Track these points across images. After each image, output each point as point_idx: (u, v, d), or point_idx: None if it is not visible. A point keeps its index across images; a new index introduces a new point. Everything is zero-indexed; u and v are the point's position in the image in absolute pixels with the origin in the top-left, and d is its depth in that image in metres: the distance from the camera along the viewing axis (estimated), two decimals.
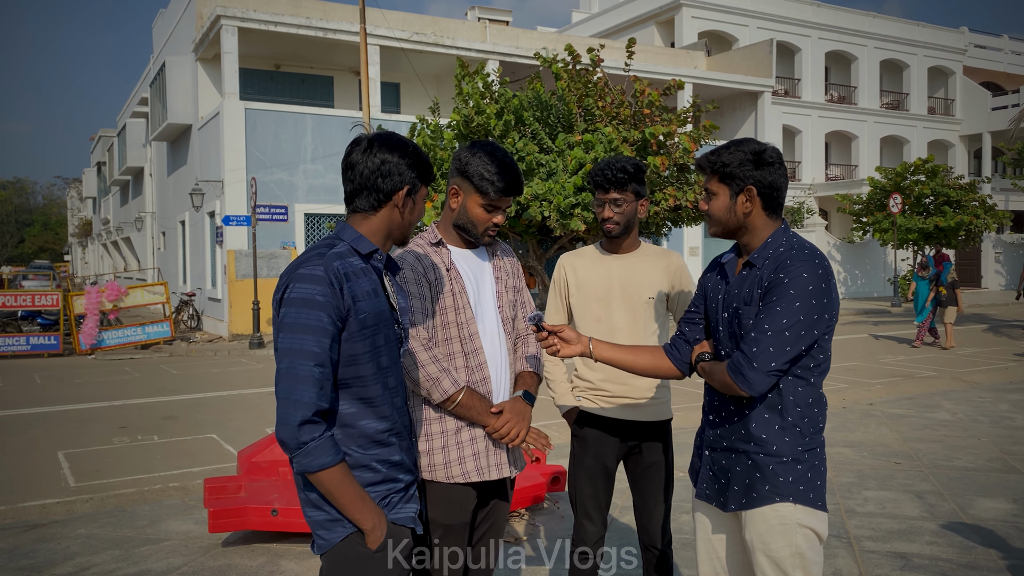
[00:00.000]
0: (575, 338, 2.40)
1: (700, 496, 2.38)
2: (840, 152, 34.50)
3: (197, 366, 13.52)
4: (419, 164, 2.11)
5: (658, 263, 3.01)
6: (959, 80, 36.73)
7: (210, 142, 18.94)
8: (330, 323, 1.88)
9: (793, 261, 2.11)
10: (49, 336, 15.46)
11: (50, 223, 77.81)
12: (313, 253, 1.98)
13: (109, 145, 35.14)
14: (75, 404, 9.81)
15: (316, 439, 1.86)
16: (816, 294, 2.08)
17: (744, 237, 2.28)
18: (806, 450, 2.19)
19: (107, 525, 5.03)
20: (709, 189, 2.29)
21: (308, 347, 1.86)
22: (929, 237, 24.25)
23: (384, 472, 2.02)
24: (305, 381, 1.86)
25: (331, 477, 1.88)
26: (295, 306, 1.89)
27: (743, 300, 2.20)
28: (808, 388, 2.19)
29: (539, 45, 22.32)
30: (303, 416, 1.84)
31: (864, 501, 5.17)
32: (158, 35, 26.16)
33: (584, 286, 3.02)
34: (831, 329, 2.19)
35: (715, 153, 2.26)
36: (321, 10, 20.48)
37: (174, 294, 21.23)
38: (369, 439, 1.99)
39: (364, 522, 1.93)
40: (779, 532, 2.15)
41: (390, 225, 2.10)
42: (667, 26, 31.78)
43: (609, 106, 16.98)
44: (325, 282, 1.89)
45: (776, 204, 2.25)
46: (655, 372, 2.47)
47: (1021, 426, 7.40)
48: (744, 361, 2.11)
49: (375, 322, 1.98)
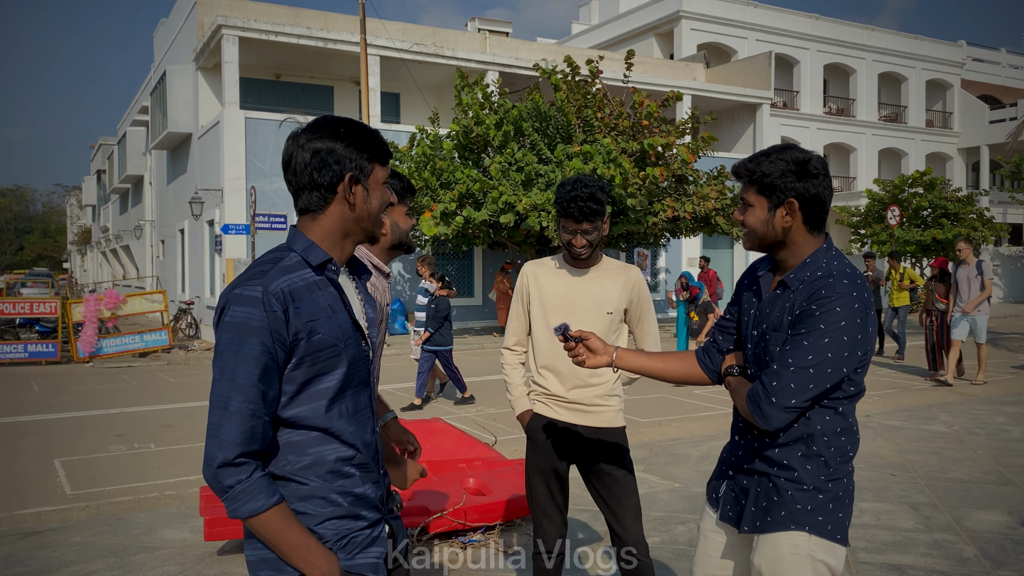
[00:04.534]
0: (602, 348, 2.28)
1: (723, 518, 2.25)
2: (839, 164, 34.61)
3: (195, 374, 13.52)
4: (361, 143, 1.79)
5: (618, 278, 3.07)
6: (957, 93, 36.91)
7: (210, 151, 19.00)
8: (264, 352, 1.64)
9: (828, 291, 1.94)
10: (47, 344, 15.46)
11: (49, 231, 77.88)
12: (255, 270, 1.72)
13: (109, 153, 35.24)
14: (72, 412, 9.81)
15: (242, 482, 1.62)
16: (849, 330, 1.93)
17: (782, 253, 2.10)
18: (830, 479, 2.06)
19: (103, 533, 5.03)
20: (745, 199, 2.11)
21: (239, 379, 1.64)
22: (927, 249, 24.32)
23: (345, 506, 1.76)
24: (232, 418, 1.63)
25: (265, 522, 1.64)
26: (228, 331, 1.66)
27: (772, 325, 2.06)
28: (837, 417, 2.05)
29: (539, 56, 22.44)
30: (224, 457, 1.61)
31: (860, 513, 5.17)
32: (159, 44, 26.28)
33: (545, 298, 3.07)
34: (865, 365, 2.04)
35: (754, 161, 2.08)
36: (322, 20, 20.59)
37: (172, 302, 21.24)
38: (327, 468, 1.74)
39: (310, 570, 1.67)
40: (789, 562, 2.03)
41: (343, 223, 1.80)
42: (666, 38, 31.94)
43: (608, 117, 17.09)
44: (262, 305, 1.65)
45: (819, 219, 2.07)
46: (686, 379, 2.36)
47: (1017, 438, 7.40)
48: (763, 394, 1.98)
49: (335, 341, 1.73)
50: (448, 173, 16.32)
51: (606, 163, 15.35)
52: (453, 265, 20.76)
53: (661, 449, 7.08)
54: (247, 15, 19.57)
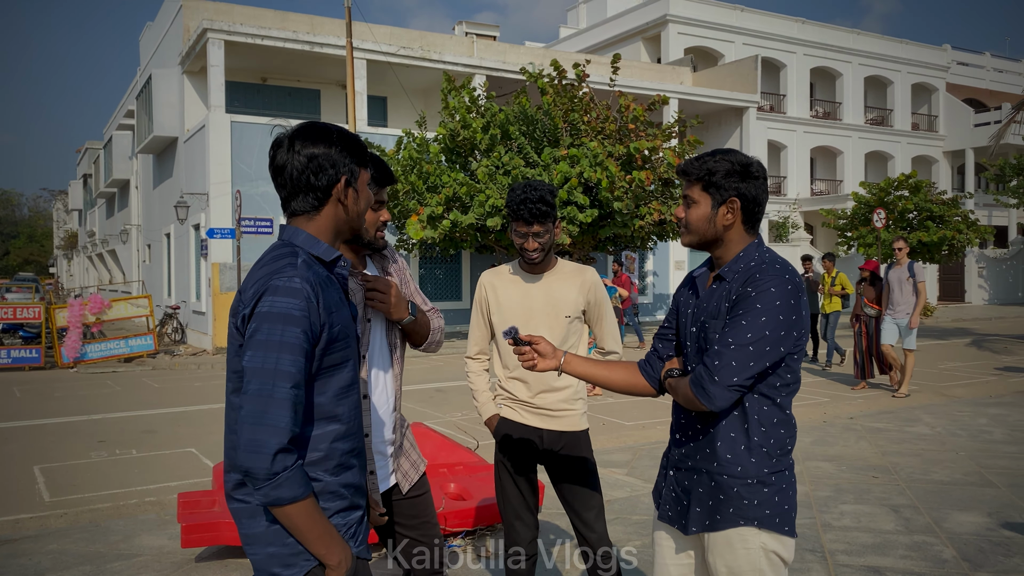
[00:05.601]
0: (551, 352, 2.33)
1: (662, 518, 2.30)
2: (825, 167, 34.78)
3: (180, 379, 13.44)
4: (350, 149, 1.92)
5: (574, 281, 3.12)
6: (942, 97, 37.17)
7: (196, 155, 18.91)
8: (306, 340, 1.73)
9: (763, 275, 2.06)
10: (31, 349, 15.33)
11: (35, 235, 77.30)
12: (283, 262, 1.80)
13: (95, 157, 35.02)
14: (54, 418, 9.73)
15: (289, 468, 1.69)
16: (784, 310, 2.03)
17: (718, 250, 2.21)
18: (773, 472, 2.11)
19: (80, 540, 4.98)
20: (690, 196, 2.20)
21: (284, 367, 1.70)
22: (913, 252, 24.44)
23: (350, 498, 1.88)
24: (282, 404, 1.69)
25: (301, 510, 1.72)
26: (270, 321, 1.72)
27: (711, 314, 2.14)
28: (774, 408, 2.13)
29: (526, 60, 22.46)
30: (279, 443, 1.67)
31: (840, 515, 5.18)
32: (145, 48, 26.15)
33: (504, 306, 3.12)
34: (800, 348, 2.12)
35: (700, 160, 2.18)
36: (308, 24, 20.54)
37: (158, 307, 21.12)
38: (337, 462, 1.85)
39: (331, 557, 1.77)
40: (743, 556, 2.09)
41: (336, 223, 1.93)
42: (654, 42, 32.04)
43: (594, 121, 17.11)
44: (303, 295, 1.73)
45: (755, 219, 2.19)
46: (630, 389, 2.39)
47: (998, 440, 7.44)
48: (706, 375, 2.04)
49: (346, 335, 1.85)
50: (435, 177, 16.31)
51: (592, 167, 15.37)
52: (441, 269, 20.74)
53: (644, 452, 7.08)
54: (233, 19, 19.50)
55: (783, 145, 32.42)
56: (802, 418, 8.63)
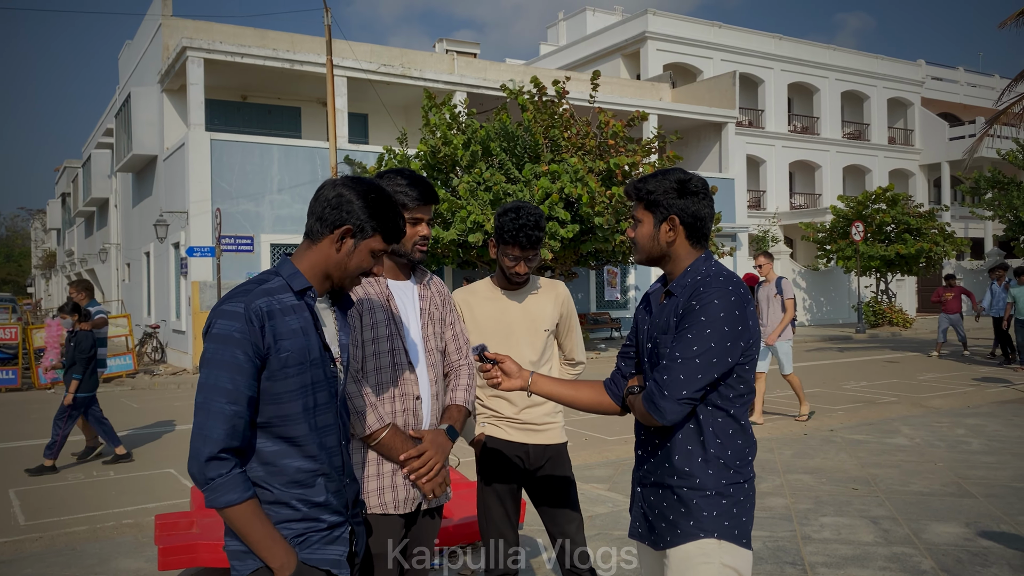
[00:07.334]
0: (516, 372, 2.37)
1: (632, 534, 2.32)
2: (804, 181, 35.12)
3: (159, 399, 13.30)
4: (375, 212, 2.05)
5: (549, 295, 3.18)
6: (918, 111, 37.71)
7: (175, 173, 18.81)
8: (246, 360, 1.88)
9: (707, 288, 2.10)
10: (7, 370, 15.13)
11: (13, 255, 76.43)
12: (240, 289, 1.98)
13: (74, 176, 34.77)
14: (30, 440, 9.60)
15: (223, 475, 1.85)
16: (728, 321, 2.06)
17: (668, 266, 2.27)
18: (731, 484, 2.13)
19: (55, 564, 4.91)
20: (636, 216, 2.29)
21: (222, 384, 1.87)
22: (891, 264, 24.71)
23: (304, 511, 1.99)
24: (215, 417, 1.86)
25: (238, 514, 1.88)
26: (213, 342, 1.91)
27: (661, 329, 2.18)
28: (728, 419, 2.15)
29: (507, 77, 22.58)
30: (210, 452, 1.84)
31: (820, 527, 5.21)
32: (124, 66, 26.06)
33: (481, 323, 3.11)
34: (751, 358, 2.15)
35: (642, 180, 2.26)
36: (288, 42, 20.56)
37: (138, 326, 20.92)
38: (290, 478, 1.97)
39: (272, 560, 1.91)
40: (702, 570, 2.09)
41: (327, 263, 2.05)
42: (633, 58, 32.31)
43: (575, 137, 17.21)
44: (243, 319, 1.89)
45: (700, 234, 2.24)
46: (596, 407, 2.41)
47: (977, 450, 7.51)
48: (656, 389, 2.08)
49: (300, 360, 1.95)
50: None
51: (573, 182, 15.44)
52: None
53: (627, 467, 7.08)
54: (212, 37, 19.48)
55: (762, 160, 32.74)
56: (783, 431, 8.67)
